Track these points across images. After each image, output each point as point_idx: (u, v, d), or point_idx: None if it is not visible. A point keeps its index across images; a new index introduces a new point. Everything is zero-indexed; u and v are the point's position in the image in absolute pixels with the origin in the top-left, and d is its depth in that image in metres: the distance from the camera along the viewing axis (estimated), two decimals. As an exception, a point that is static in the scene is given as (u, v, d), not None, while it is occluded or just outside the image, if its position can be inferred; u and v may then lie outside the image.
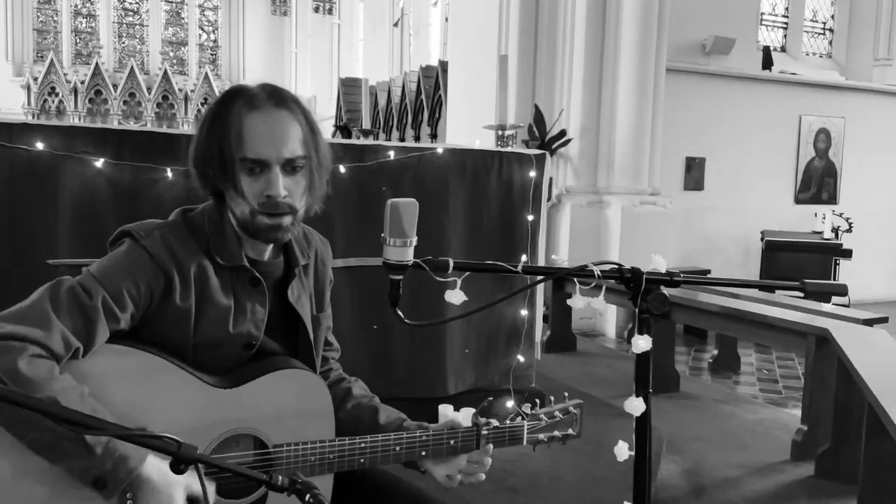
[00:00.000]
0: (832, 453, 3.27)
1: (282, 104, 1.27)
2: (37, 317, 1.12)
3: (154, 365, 1.21)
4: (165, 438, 0.92)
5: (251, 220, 1.27)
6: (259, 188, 1.25)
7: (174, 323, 1.26)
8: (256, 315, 1.34)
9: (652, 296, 1.28)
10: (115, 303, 1.19)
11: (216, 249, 1.30)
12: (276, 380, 1.30)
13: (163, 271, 1.24)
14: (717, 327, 4.35)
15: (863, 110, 8.92)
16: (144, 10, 18.51)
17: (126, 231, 1.28)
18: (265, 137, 1.23)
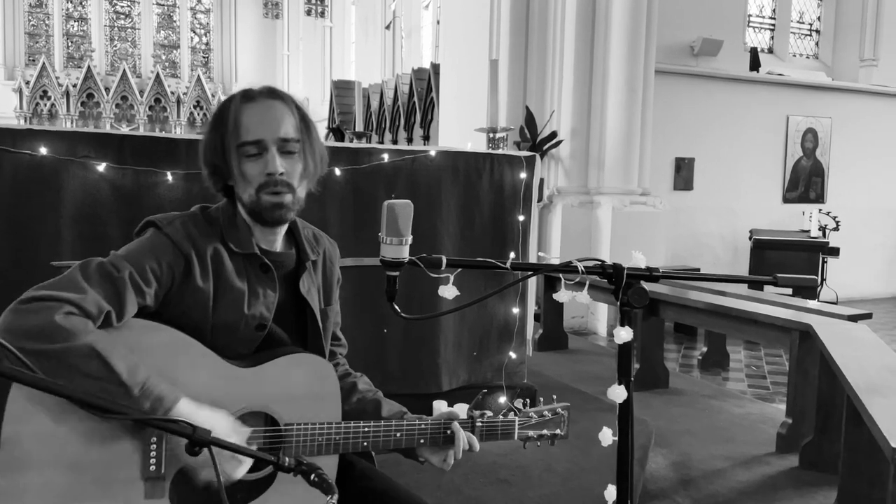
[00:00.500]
0: (815, 445, 3.36)
1: (274, 96, 1.41)
2: (71, 284, 1.23)
3: (182, 341, 1.30)
4: (181, 423, 1.00)
5: (257, 202, 1.38)
6: (259, 168, 1.37)
7: (195, 304, 1.36)
8: (268, 298, 1.44)
9: (632, 290, 1.36)
10: (141, 278, 1.29)
11: (229, 237, 1.41)
12: (290, 363, 1.39)
13: (182, 254, 1.35)
14: (705, 324, 4.45)
15: (849, 110, 9.05)
16: (136, 14, 18.52)
17: (150, 221, 1.40)
18: (261, 122, 1.37)
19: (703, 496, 3.03)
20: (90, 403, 0.96)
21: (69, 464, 1.19)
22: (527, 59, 7.20)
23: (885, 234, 9.45)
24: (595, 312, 6.95)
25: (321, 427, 1.36)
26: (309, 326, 1.52)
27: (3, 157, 2.49)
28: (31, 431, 1.17)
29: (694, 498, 3.02)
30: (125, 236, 2.65)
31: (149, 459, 1.23)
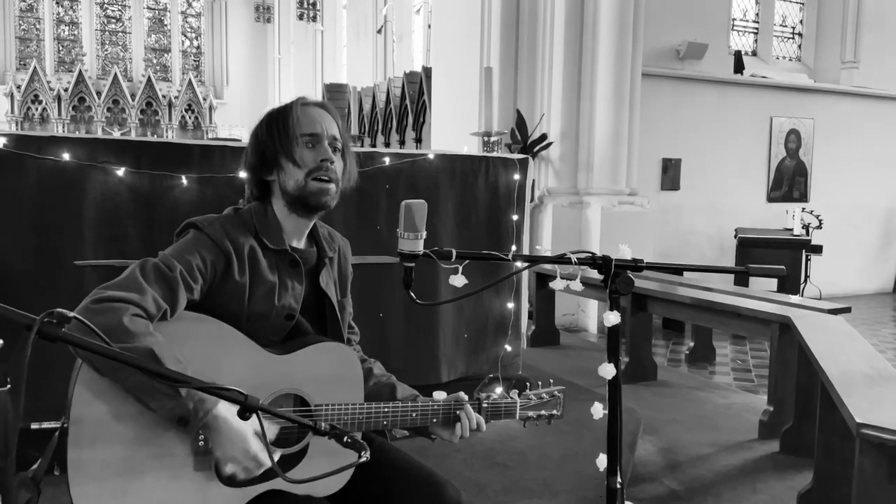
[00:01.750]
0: (794, 431, 3.55)
1: (323, 106, 1.66)
2: (133, 285, 1.39)
3: (223, 331, 1.47)
4: (234, 391, 1.16)
5: (304, 186, 1.57)
6: (314, 155, 1.58)
7: (232, 296, 1.52)
8: (295, 290, 1.61)
9: (620, 278, 1.54)
10: (189, 275, 1.46)
11: (263, 234, 1.59)
12: (319, 350, 1.56)
13: (223, 252, 1.52)
14: (692, 318, 4.63)
15: (831, 111, 9.29)
16: (127, 18, 18.59)
17: (191, 223, 1.57)
18: (317, 120, 1.62)
19: (689, 479, 3.21)
20: (158, 374, 1.12)
21: (127, 440, 1.35)
22: (517, 63, 7.38)
23: (866, 232, 9.70)
24: (586, 310, 7.14)
25: (347, 407, 1.53)
26: (328, 316, 1.69)
27: (29, 163, 2.64)
28: (96, 412, 1.33)
29: (681, 481, 3.20)
30: (143, 237, 2.83)
31: (198, 436, 1.39)
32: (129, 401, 1.34)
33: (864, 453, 2.04)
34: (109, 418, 1.33)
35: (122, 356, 1.10)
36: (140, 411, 1.35)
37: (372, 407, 1.56)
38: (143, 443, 1.36)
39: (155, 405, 1.31)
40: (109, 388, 1.33)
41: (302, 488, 1.50)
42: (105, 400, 1.33)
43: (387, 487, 1.63)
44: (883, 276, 10.01)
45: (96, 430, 1.32)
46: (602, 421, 3.46)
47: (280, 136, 1.58)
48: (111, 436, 1.33)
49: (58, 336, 1.04)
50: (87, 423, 1.32)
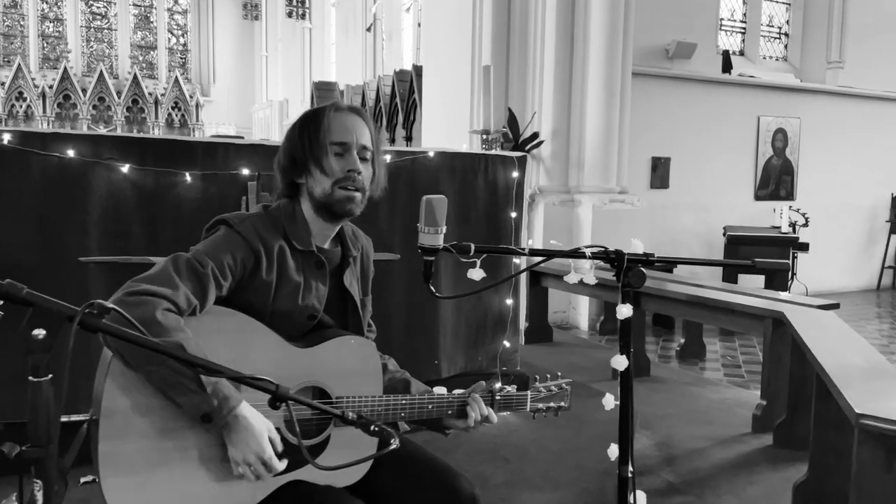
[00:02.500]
0: (788, 424, 3.62)
1: (357, 112, 1.66)
2: (166, 279, 1.41)
3: (250, 325, 1.49)
4: (266, 380, 1.19)
5: (330, 194, 1.59)
6: (342, 165, 1.59)
7: (259, 293, 1.54)
8: (319, 292, 1.63)
9: (632, 272, 1.58)
10: (220, 273, 1.48)
11: (292, 235, 1.61)
12: (340, 344, 1.59)
13: (253, 250, 1.53)
14: (685, 314, 4.69)
15: (817, 111, 9.40)
16: (112, 15, 18.45)
17: (222, 219, 1.58)
18: (348, 128, 1.61)
19: (686, 472, 3.27)
20: (194, 362, 1.15)
21: (156, 432, 1.37)
22: (508, 62, 7.42)
23: (851, 230, 9.83)
24: (577, 307, 7.19)
25: (366, 400, 1.56)
26: (349, 314, 1.72)
27: (33, 160, 2.64)
28: (125, 405, 1.35)
29: (678, 473, 3.25)
30: (146, 233, 2.84)
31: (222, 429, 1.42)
32: (158, 394, 1.36)
33: (863, 443, 2.09)
34: (139, 411, 1.36)
35: (159, 347, 1.12)
36: (168, 404, 1.37)
37: (391, 399, 1.59)
38: (170, 435, 1.38)
39: (181, 400, 1.33)
40: (139, 381, 1.35)
41: (323, 479, 1.53)
42: (135, 393, 1.35)
43: (403, 479, 1.66)
44: (867, 273, 10.15)
45: (126, 423, 1.34)
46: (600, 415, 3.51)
47: (311, 142, 1.59)
48: (140, 428, 1.36)
49: (98, 327, 1.06)
50: (117, 416, 1.34)
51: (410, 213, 3.25)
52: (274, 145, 3.10)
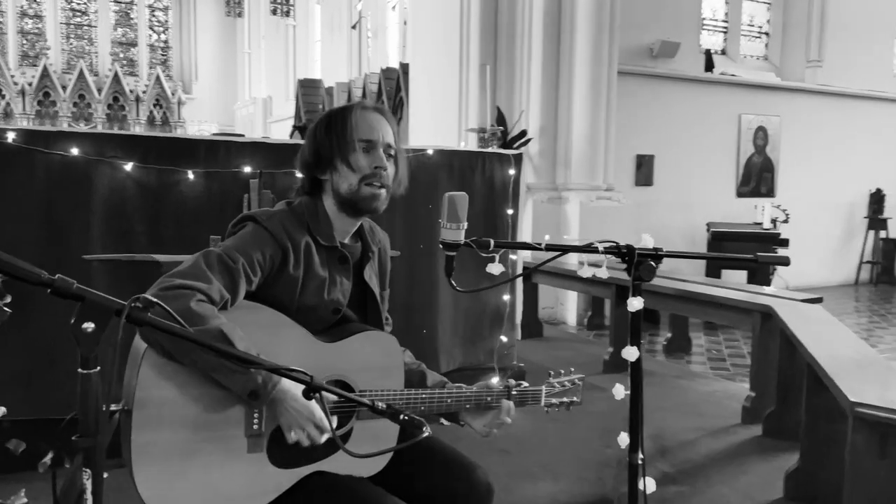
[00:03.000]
0: (776, 415, 3.71)
1: (381, 112, 1.70)
2: (199, 274, 1.44)
3: (279, 319, 1.53)
4: (301, 372, 1.23)
5: (357, 191, 1.62)
6: (369, 161, 1.63)
7: (286, 288, 1.58)
8: (343, 286, 1.68)
9: (642, 266, 1.63)
10: (250, 268, 1.51)
11: (316, 231, 1.64)
12: (364, 339, 1.63)
13: (280, 246, 1.57)
14: (674, 308, 4.78)
15: (797, 109, 9.57)
16: (93, 11, 18.25)
17: (249, 216, 1.61)
18: (374, 127, 1.66)
19: (679, 462, 3.35)
20: (232, 355, 1.19)
21: (187, 423, 1.40)
22: (496, 61, 7.47)
23: (830, 226, 10.01)
24: (564, 303, 7.28)
25: (388, 393, 1.60)
26: (369, 308, 1.76)
27: (37, 158, 2.65)
28: (158, 396, 1.38)
29: (672, 464, 3.33)
30: (150, 231, 2.86)
31: (252, 420, 1.46)
32: (190, 384, 1.40)
33: (857, 430, 2.18)
34: (171, 402, 1.39)
35: (201, 339, 1.16)
36: (198, 396, 1.41)
37: (412, 393, 1.64)
38: (201, 426, 1.41)
39: (228, 382, 1.37)
40: (172, 371, 1.39)
41: (345, 469, 1.58)
42: (168, 384, 1.39)
43: (422, 469, 1.71)
44: (846, 268, 10.35)
45: (160, 414, 1.38)
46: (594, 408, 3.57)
47: (338, 138, 1.63)
48: (173, 419, 1.39)
49: (144, 320, 1.09)
50: (151, 407, 1.37)
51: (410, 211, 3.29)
52: (275, 143, 3.14)
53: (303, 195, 1.71)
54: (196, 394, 1.41)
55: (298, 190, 1.73)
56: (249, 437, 1.46)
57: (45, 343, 2.72)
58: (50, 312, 2.73)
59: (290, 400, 1.42)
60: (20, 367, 2.69)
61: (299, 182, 1.73)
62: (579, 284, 5.64)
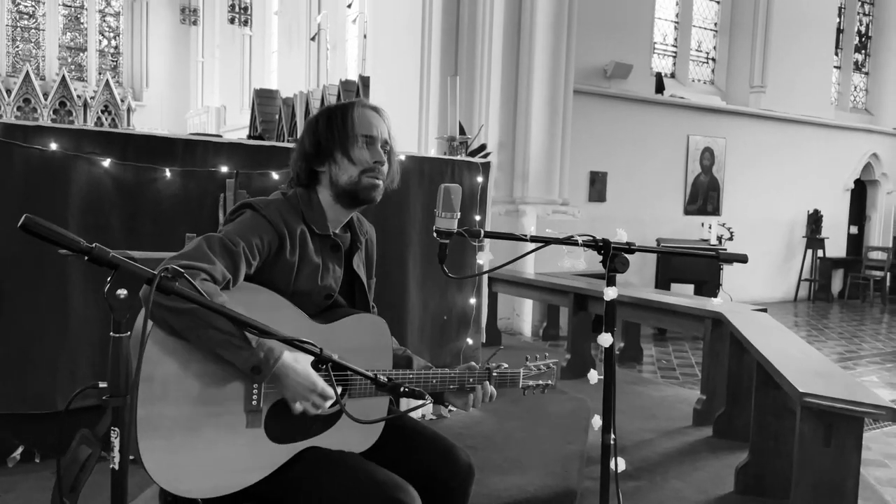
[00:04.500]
0: (726, 416, 3.90)
1: (378, 111, 1.81)
2: (203, 255, 1.51)
3: (276, 300, 1.61)
4: (311, 343, 1.31)
5: (357, 182, 1.72)
6: (370, 155, 1.73)
7: (282, 272, 1.66)
8: (335, 273, 1.76)
9: (617, 258, 1.76)
10: (249, 252, 1.59)
11: (310, 220, 1.72)
12: (356, 321, 1.72)
13: (277, 232, 1.65)
14: (630, 315, 4.95)
15: (741, 131, 10.00)
16: (41, 14, 17.84)
17: (248, 204, 1.68)
18: (373, 123, 1.77)
19: (637, 460, 3.49)
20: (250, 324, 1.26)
21: (190, 398, 1.46)
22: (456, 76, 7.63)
23: (772, 244, 10.46)
24: (521, 314, 7.43)
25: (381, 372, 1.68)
26: (357, 295, 1.85)
27: (15, 152, 2.66)
28: (163, 372, 1.44)
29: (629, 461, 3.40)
30: (126, 227, 2.89)
31: (251, 396, 1.53)
32: (193, 361, 1.46)
33: (805, 420, 2.34)
34: (175, 377, 1.45)
35: (222, 308, 1.23)
36: (200, 372, 1.47)
37: (400, 373, 1.73)
38: (203, 401, 1.48)
39: (232, 357, 1.44)
40: (176, 348, 1.45)
41: (337, 445, 1.65)
42: (172, 360, 1.44)
43: (407, 448, 1.79)
44: (786, 285, 10.81)
45: (164, 388, 1.43)
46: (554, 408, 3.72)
47: (339, 132, 1.72)
48: (176, 394, 1.45)
49: (173, 289, 1.17)
50: (156, 381, 1.42)
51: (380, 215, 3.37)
52: (252, 145, 3.19)
53: (297, 186, 1.79)
54: (198, 370, 1.47)
55: (292, 181, 1.81)
56: (248, 412, 1.53)
57: (19, 338, 2.72)
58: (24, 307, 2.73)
59: (291, 374, 1.49)
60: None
61: (294, 173, 1.80)
62: (537, 293, 5.79)
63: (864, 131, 11.43)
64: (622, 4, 8.76)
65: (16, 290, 2.70)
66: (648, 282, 8.48)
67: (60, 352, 2.78)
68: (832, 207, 11.00)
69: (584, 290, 5.02)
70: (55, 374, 2.78)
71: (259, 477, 1.55)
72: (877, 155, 11.57)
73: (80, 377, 2.77)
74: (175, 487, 1.45)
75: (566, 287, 5.22)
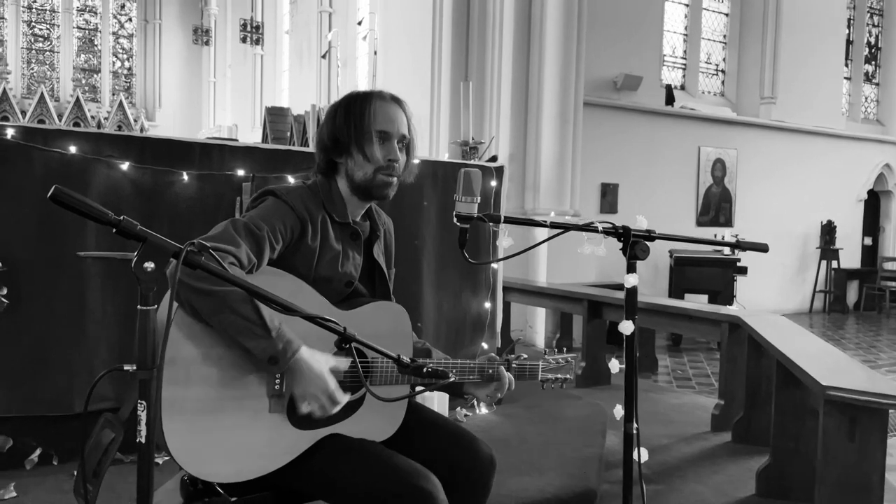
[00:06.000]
0: (745, 421, 3.86)
1: (398, 102, 1.79)
2: (229, 238, 1.52)
3: (298, 285, 1.61)
4: (335, 322, 1.31)
5: (372, 178, 1.72)
6: (384, 153, 1.73)
7: (304, 258, 1.66)
8: (356, 260, 1.77)
9: (638, 245, 1.76)
10: (272, 236, 1.60)
11: (330, 208, 1.74)
12: (376, 308, 1.73)
13: (300, 218, 1.66)
14: (645, 322, 4.91)
15: (753, 143, 9.99)
16: (55, 37, 18.12)
17: (270, 191, 1.70)
18: (391, 118, 1.75)
19: (655, 464, 3.45)
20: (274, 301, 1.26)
21: (213, 382, 1.46)
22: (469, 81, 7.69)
23: (785, 256, 10.39)
24: (534, 326, 7.40)
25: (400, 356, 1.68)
26: (377, 284, 1.85)
27: (35, 155, 2.69)
28: (187, 353, 1.44)
29: (647, 465, 3.42)
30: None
31: (274, 380, 1.52)
32: (217, 345, 1.46)
33: (828, 414, 2.31)
34: (199, 360, 1.45)
35: (246, 283, 1.23)
36: (223, 355, 1.47)
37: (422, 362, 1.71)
38: (226, 384, 1.47)
39: (250, 345, 1.43)
40: (200, 331, 1.45)
41: (358, 433, 1.65)
42: (195, 343, 1.45)
43: (429, 438, 1.78)
44: (800, 297, 10.73)
45: (188, 371, 1.43)
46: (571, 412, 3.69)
47: (355, 127, 1.71)
48: (200, 377, 1.45)
49: (199, 263, 1.17)
50: (179, 364, 1.42)
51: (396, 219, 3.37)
52: (268, 149, 3.21)
53: (318, 175, 1.80)
54: (222, 354, 1.47)
55: (315, 169, 1.82)
56: (271, 397, 1.53)
57: (37, 341, 2.73)
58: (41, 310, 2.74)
59: (305, 370, 1.48)
60: (9, 364, 2.68)
61: (316, 161, 1.81)
62: (550, 301, 5.77)
63: (876, 142, 11.39)
64: (631, 17, 8.81)
65: (33, 293, 2.72)
66: (662, 293, 8.44)
67: (77, 355, 2.79)
68: (846, 218, 10.94)
69: (598, 297, 5.00)
70: (72, 377, 2.78)
71: (281, 463, 1.54)
72: (889, 165, 11.53)
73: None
74: (198, 470, 1.44)
75: (579, 294, 5.20)
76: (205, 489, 1.60)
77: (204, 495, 1.60)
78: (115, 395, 2.68)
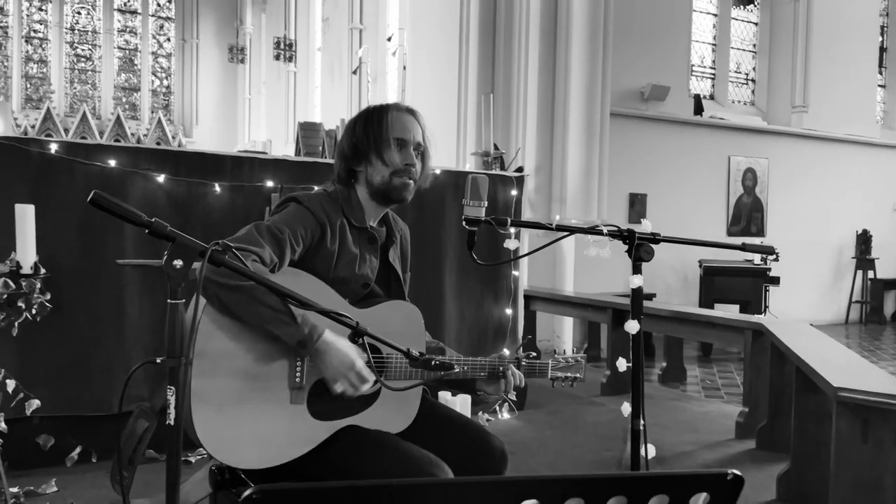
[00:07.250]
0: (769, 428, 3.86)
1: (413, 113, 1.92)
2: (253, 239, 1.64)
3: (318, 285, 1.72)
4: (348, 317, 1.41)
5: (389, 182, 1.83)
6: (401, 158, 1.85)
7: (322, 261, 1.77)
8: (372, 263, 1.88)
9: (642, 248, 1.83)
10: (294, 239, 1.71)
11: (349, 213, 1.85)
12: (391, 307, 1.83)
13: (319, 223, 1.77)
14: (669, 330, 4.94)
15: (784, 152, 9.91)
16: (97, 57, 18.70)
17: (292, 197, 1.81)
18: (407, 127, 1.87)
19: (676, 469, 3.48)
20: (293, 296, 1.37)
21: (239, 374, 1.57)
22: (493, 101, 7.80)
23: (819, 266, 10.26)
24: (561, 335, 7.43)
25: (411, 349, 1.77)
26: (392, 287, 1.96)
27: (76, 168, 2.85)
28: (215, 347, 1.55)
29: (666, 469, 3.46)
30: (178, 239, 3.01)
31: (295, 373, 1.63)
32: (242, 339, 1.57)
33: (841, 416, 2.34)
34: (226, 352, 1.56)
35: (266, 280, 1.34)
36: (249, 349, 1.58)
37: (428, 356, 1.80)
38: (251, 376, 1.58)
39: (279, 332, 1.54)
40: (228, 324, 1.56)
41: (374, 425, 1.74)
42: (223, 335, 1.56)
43: (442, 432, 1.87)
44: (835, 307, 10.56)
45: (216, 363, 1.54)
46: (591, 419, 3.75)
47: (374, 136, 1.84)
48: (227, 368, 1.56)
49: (223, 262, 1.28)
50: (208, 356, 1.53)
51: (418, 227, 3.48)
52: (295, 161, 3.35)
53: (338, 183, 1.90)
54: (247, 347, 1.58)
55: (335, 178, 1.93)
56: (292, 389, 1.63)
57: (80, 342, 2.88)
58: (83, 316, 2.90)
59: (333, 350, 1.59)
60: (53, 364, 2.84)
61: (335, 171, 1.93)
62: (575, 310, 5.82)
63: (912, 149, 11.22)
64: (658, 28, 8.84)
65: (75, 299, 2.87)
66: (692, 303, 8.40)
67: (116, 358, 2.94)
68: (882, 227, 10.76)
69: (623, 305, 5.04)
70: (112, 379, 2.93)
71: (300, 452, 1.64)
72: (926, 173, 11.32)
73: (135, 381, 2.91)
74: (224, 457, 1.55)
75: (604, 303, 5.24)
76: (232, 479, 1.71)
77: (231, 485, 1.71)
78: (150, 395, 2.81)
